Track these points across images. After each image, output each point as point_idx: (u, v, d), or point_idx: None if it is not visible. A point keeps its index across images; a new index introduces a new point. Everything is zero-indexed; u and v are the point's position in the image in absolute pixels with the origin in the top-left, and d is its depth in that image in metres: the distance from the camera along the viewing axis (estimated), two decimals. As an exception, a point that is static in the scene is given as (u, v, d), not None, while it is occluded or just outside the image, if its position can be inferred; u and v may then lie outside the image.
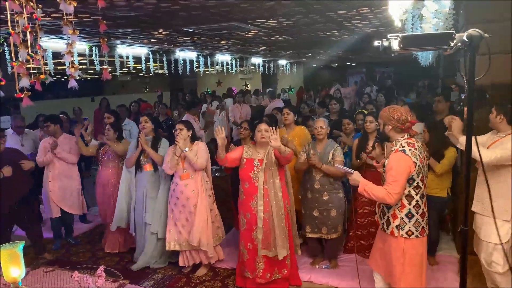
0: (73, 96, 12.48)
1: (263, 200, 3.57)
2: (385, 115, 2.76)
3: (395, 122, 2.69)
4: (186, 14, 4.86)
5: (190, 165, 3.88)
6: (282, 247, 3.53)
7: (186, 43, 8.21)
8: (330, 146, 3.93)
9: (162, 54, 9.18)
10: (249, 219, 3.65)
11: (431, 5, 2.14)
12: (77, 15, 4.53)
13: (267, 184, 3.59)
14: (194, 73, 12.12)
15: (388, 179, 2.65)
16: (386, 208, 2.79)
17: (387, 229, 2.78)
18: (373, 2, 4.10)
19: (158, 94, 14.26)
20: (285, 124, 4.67)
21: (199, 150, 3.94)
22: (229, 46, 9.14)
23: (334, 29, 6.85)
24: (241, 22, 5.76)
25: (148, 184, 4.22)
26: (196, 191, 3.90)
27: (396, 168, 2.62)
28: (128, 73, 16.04)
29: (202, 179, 3.96)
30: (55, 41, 6.19)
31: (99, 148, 4.73)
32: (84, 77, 14.80)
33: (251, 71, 15.61)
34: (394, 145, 2.74)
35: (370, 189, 2.68)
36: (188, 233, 3.91)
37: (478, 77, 1.49)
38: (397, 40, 1.35)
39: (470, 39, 1.35)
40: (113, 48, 7.66)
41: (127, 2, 3.98)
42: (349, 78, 19.51)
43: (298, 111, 6.88)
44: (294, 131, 4.59)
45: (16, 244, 2.11)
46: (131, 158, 4.22)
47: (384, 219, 2.81)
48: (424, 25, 2.26)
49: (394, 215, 2.74)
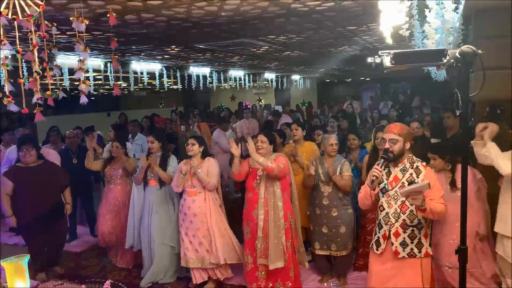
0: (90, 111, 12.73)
1: (263, 209, 3.60)
2: (406, 132, 2.67)
3: (411, 137, 2.69)
4: (198, 31, 4.95)
5: (199, 182, 3.88)
6: (275, 257, 3.52)
7: (199, 59, 8.34)
8: (337, 161, 3.90)
9: (176, 70, 9.33)
10: (252, 228, 3.69)
11: (433, 22, 2.14)
12: (91, 33, 4.66)
13: (267, 193, 3.60)
14: (208, 88, 12.25)
15: (437, 193, 2.56)
16: (417, 230, 2.63)
17: (419, 253, 2.63)
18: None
19: (172, 109, 14.43)
20: (294, 140, 4.67)
21: (210, 168, 3.91)
22: (241, 61, 9.24)
23: (345, 44, 6.87)
24: (252, 39, 5.84)
25: (154, 199, 4.22)
26: (203, 208, 3.89)
27: (438, 182, 2.67)
28: (143, 89, 16.31)
29: (210, 195, 3.94)
30: (71, 58, 6.36)
31: (105, 165, 4.68)
32: (101, 92, 15.13)
33: (265, 86, 15.71)
34: (406, 163, 2.67)
35: (434, 207, 2.50)
36: (196, 250, 3.90)
37: (472, 94, 1.47)
38: (389, 57, 1.35)
39: (462, 55, 1.34)
40: (127, 64, 7.83)
41: (138, 19, 4.09)
42: (363, 93, 19.42)
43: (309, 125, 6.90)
44: (303, 147, 4.61)
45: (21, 257, 2.14)
46: (139, 175, 4.24)
47: (413, 244, 2.63)
48: (427, 41, 2.26)
49: (425, 234, 2.66)
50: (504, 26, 3.43)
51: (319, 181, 3.90)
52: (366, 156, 4.23)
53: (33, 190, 4.08)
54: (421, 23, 2.77)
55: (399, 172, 2.69)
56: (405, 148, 2.66)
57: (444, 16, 2.20)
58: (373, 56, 1.42)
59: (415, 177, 2.63)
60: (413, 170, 2.66)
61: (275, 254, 3.54)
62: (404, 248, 2.64)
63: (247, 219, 3.75)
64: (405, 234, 2.64)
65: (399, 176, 2.68)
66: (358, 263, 4.26)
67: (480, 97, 3.55)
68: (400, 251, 2.64)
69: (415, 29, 2.87)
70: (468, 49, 1.34)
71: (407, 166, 2.67)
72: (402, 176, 2.67)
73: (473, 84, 3.55)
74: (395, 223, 2.66)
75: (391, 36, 1.98)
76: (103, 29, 4.47)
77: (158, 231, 4.19)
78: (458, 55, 1.34)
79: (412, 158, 2.70)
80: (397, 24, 1.73)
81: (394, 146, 2.63)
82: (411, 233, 2.63)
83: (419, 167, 2.66)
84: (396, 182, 2.67)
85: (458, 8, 2.89)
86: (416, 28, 3.09)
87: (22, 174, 4.11)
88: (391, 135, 2.66)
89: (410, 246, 2.63)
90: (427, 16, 2.21)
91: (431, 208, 2.46)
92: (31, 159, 4.13)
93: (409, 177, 2.64)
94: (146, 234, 4.27)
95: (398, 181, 2.66)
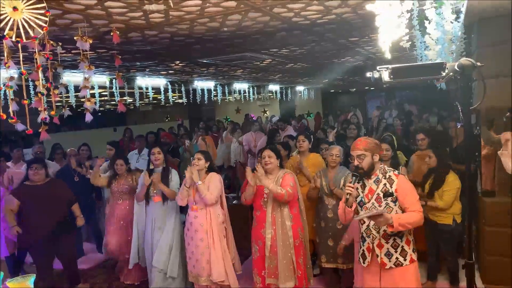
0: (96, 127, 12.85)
1: (271, 228, 3.57)
2: (372, 145, 2.72)
3: (379, 149, 2.74)
4: (201, 47, 5.00)
5: (200, 197, 3.84)
6: (285, 278, 3.48)
7: (203, 73, 8.41)
8: (341, 173, 3.87)
9: (181, 84, 9.41)
10: (261, 247, 3.65)
11: (434, 33, 2.14)
12: (96, 51, 4.73)
13: (275, 212, 3.57)
14: (212, 102, 12.34)
15: (411, 200, 2.64)
16: (398, 239, 2.69)
17: (404, 260, 2.68)
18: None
19: (179, 123, 14.50)
20: (299, 151, 4.65)
21: (212, 182, 3.84)
22: (245, 75, 9.31)
23: (348, 55, 6.90)
24: (255, 52, 5.88)
25: (157, 215, 4.20)
26: (205, 225, 3.82)
27: (412, 189, 2.70)
28: (149, 103, 16.45)
29: (212, 212, 3.84)
30: (77, 75, 6.44)
31: (111, 181, 4.65)
32: (107, 108, 15.28)
33: (269, 97, 15.77)
34: (379, 174, 2.72)
35: (405, 220, 2.56)
36: (193, 266, 3.86)
37: (474, 106, 1.46)
38: (387, 72, 1.35)
39: (461, 68, 1.34)
40: (132, 79, 7.92)
41: (142, 36, 4.14)
42: (368, 103, 19.40)
43: (316, 137, 6.87)
44: (308, 158, 4.56)
45: (27, 277, 2.14)
46: (141, 192, 4.23)
47: (397, 253, 2.69)
48: (428, 52, 2.26)
49: (407, 241, 2.72)
50: (506, 33, 3.42)
51: (323, 194, 3.88)
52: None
53: (40, 208, 4.11)
54: (422, 33, 2.77)
55: (373, 183, 2.74)
56: (374, 160, 2.71)
57: (444, 26, 2.21)
58: (372, 71, 1.43)
59: (389, 187, 2.68)
60: (386, 180, 2.70)
61: (285, 274, 3.49)
62: (390, 259, 2.69)
63: (256, 238, 3.70)
64: (388, 245, 2.70)
65: (374, 188, 2.73)
66: (366, 275, 4.20)
67: (486, 106, 3.54)
68: (386, 262, 2.70)
69: (417, 40, 2.87)
70: (467, 62, 1.34)
71: (380, 177, 2.72)
72: (376, 188, 2.72)
73: (477, 94, 3.55)
74: (377, 235, 2.72)
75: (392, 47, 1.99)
76: (107, 47, 4.53)
77: (159, 249, 4.14)
78: (457, 68, 1.34)
79: (384, 168, 2.76)
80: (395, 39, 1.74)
81: (362, 162, 2.69)
82: (393, 243, 2.70)
83: (391, 176, 2.70)
84: (372, 194, 2.73)
85: (459, 18, 2.90)
86: (418, 38, 3.10)
87: (29, 193, 4.16)
88: (357, 152, 2.71)
89: (395, 256, 2.69)
90: (427, 27, 2.21)
91: (400, 223, 2.53)
92: (40, 178, 4.19)
93: (383, 188, 2.69)
94: (150, 251, 4.24)
95: (373, 193, 2.72)
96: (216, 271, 3.77)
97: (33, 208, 4.12)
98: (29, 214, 4.13)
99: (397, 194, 2.65)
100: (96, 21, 3.35)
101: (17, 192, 4.22)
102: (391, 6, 1.67)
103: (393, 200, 2.66)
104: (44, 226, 4.11)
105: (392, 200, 2.66)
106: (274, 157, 3.65)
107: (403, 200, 2.64)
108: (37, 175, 4.16)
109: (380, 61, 7.67)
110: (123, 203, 4.61)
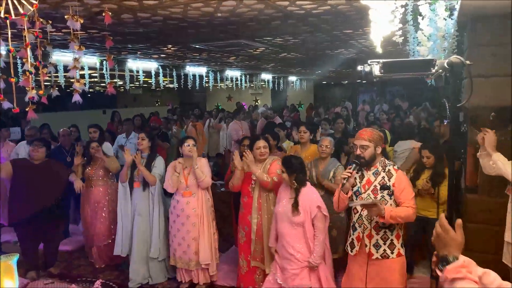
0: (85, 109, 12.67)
1: (257, 213, 3.63)
2: (377, 137, 2.74)
3: (382, 142, 2.77)
4: (194, 31, 4.94)
5: (194, 182, 3.87)
6: (271, 261, 3.52)
7: (196, 59, 8.33)
8: (332, 164, 3.91)
9: (172, 69, 9.31)
10: (247, 232, 3.70)
11: (426, 29, 2.15)
12: (87, 31, 4.64)
13: (261, 199, 3.62)
14: (204, 88, 12.26)
15: (406, 196, 2.69)
16: (389, 232, 2.75)
17: (392, 253, 2.74)
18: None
19: (169, 108, 14.40)
20: (300, 142, 4.66)
21: (203, 167, 3.92)
22: (238, 62, 9.25)
23: (341, 47, 6.89)
24: (249, 40, 5.84)
25: (137, 201, 4.16)
26: (197, 209, 3.89)
27: (409, 185, 2.75)
28: (139, 87, 16.29)
29: (204, 197, 3.94)
30: (67, 55, 6.33)
31: (85, 167, 4.56)
32: (96, 89, 15.07)
33: (261, 86, 15.73)
34: (378, 166, 2.76)
35: (397, 213, 2.60)
36: (184, 252, 3.90)
37: (461, 103, 1.49)
38: (378, 66, 1.37)
39: (451, 65, 1.36)
40: (123, 62, 7.80)
41: (134, 18, 4.07)
42: (360, 96, 19.48)
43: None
44: (308, 150, 4.55)
45: (11, 257, 2.13)
46: (123, 171, 4.17)
47: (385, 245, 2.75)
48: (419, 48, 2.27)
49: (397, 235, 2.78)
50: (499, 33, 3.44)
51: (312, 184, 3.89)
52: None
53: (33, 187, 4.08)
54: (416, 28, 2.79)
55: (371, 175, 2.78)
56: (376, 152, 2.75)
57: (437, 23, 2.22)
58: (363, 65, 1.44)
59: (387, 180, 2.73)
60: (385, 173, 2.75)
61: (270, 257, 3.53)
62: (378, 250, 2.76)
63: (242, 223, 3.76)
64: (378, 236, 2.76)
65: (372, 179, 2.78)
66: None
67: (473, 104, 3.59)
68: (373, 253, 2.76)
69: (410, 35, 2.88)
70: (457, 60, 1.36)
71: (379, 170, 2.77)
72: (374, 179, 2.77)
73: (466, 91, 3.58)
74: (368, 225, 2.77)
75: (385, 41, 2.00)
76: (99, 28, 4.46)
77: (139, 235, 4.14)
78: (447, 66, 1.36)
79: (385, 161, 2.81)
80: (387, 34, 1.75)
81: (365, 152, 2.72)
82: (383, 235, 2.75)
83: (390, 170, 2.75)
84: (369, 185, 2.78)
85: (453, 15, 2.91)
86: (411, 33, 3.11)
87: (26, 168, 4.15)
88: (361, 141, 2.74)
89: (383, 248, 2.75)
90: (420, 23, 2.22)
91: (392, 215, 2.57)
92: (39, 156, 4.17)
93: (381, 180, 2.74)
94: (129, 237, 4.22)
95: (371, 184, 2.77)
96: (204, 255, 3.85)
97: (25, 186, 4.09)
98: (21, 191, 4.10)
99: (394, 188, 2.70)
100: (88, 1, 3.29)
101: (15, 162, 4.22)
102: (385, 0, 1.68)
103: (389, 194, 2.72)
104: (34, 206, 4.07)
105: (388, 193, 2.72)
106: (267, 147, 3.71)
107: (399, 194, 2.69)
108: (37, 153, 4.14)
109: (373, 55, 7.68)
110: (96, 189, 4.55)
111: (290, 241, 3.11)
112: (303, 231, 3.09)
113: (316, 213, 3.08)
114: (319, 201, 3.15)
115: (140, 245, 4.14)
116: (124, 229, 4.25)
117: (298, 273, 3.09)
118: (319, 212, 3.09)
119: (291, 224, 3.12)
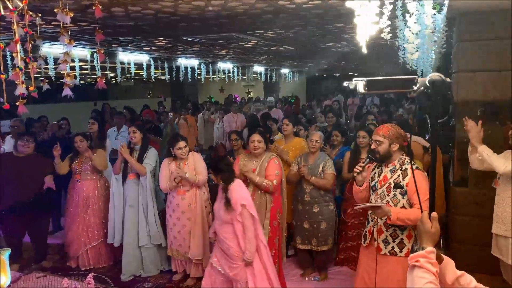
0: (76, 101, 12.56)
1: None
2: (393, 134, 2.68)
3: (402, 140, 2.68)
4: (186, 24, 4.92)
5: (188, 181, 3.90)
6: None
7: (187, 51, 8.29)
8: (321, 158, 3.95)
9: (164, 61, 9.26)
10: None
11: (414, 26, 2.18)
12: (77, 24, 4.61)
13: (255, 195, 3.65)
14: (196, 80, 12.21)
15: (420, 198, 2.56)
16: (399, 230, 2.68)
17: (400, 252, 2.68)
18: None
19: (160, 100, 14.32)
20: (284, 135, 4.69)
21: (198, 162, 3.96)
22: (230, 54, 9.22)
23: (333, 40, 6.91)
24: (241, 33, 5.83)
25: (129, 193, 4.19)
26: (192, 204, 3.94)
27: (425, 186, 2.52)
28: (130, 79, 16.17)
29: (198, 191, 3.98)
30: (57, 47, 6.27)
31: (72, 161, 4.51)
32: (87, 81, 14.93)
33: (254, 79, 15.70)
34: (396, 164, 2.71)
35: (405, 215, 2.55)
36: (180, 245, 3.97)
37: (441, 120, 1.57)
38: (362, 83, 1.46)
39: (432, 83, 1.43)
40: (114, 54, 7.74)
41: (125, 11, 4.05)
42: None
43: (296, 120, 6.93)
44: (292, 143, 4.59)
45: (2, 252, 2.15)
46: (117, 163, 4.20)
47: (394, 242, 2.70)
48: (407, 46, 2.29)
49: (409, 235, 2.68)
50: (487, 28, 3.50)
51: (301, 178, 3.95)
52: (347, 153, 4.29)
53: (18, 179, 4.10)
54: (404, 24, 2.81)
55: (388, 172, 2.75)
56: (392, 149, 2.70)
57: (425, 21, 2.25)
58: (348, 82, 1.55)
59: (401, 179, 2.67)
60: (401, 172, 2.70)
61: None
62: (386, 246, 2.72)
63: None
64: (387, 233, 2.72)
65: (388, 176, 2.74)
66: (339, 257, 4.35)
67: (462, 99, 3.65)
68: (382, 248, 2.73)
69: (399, 30, 2.90)
70: (437, 77, 1.43)
71: (397, 168, 2.72)
72: (390, 177, 2.72)
73: (455, 87, 3.64)
74: (379, 221, 2.74)
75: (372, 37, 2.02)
76: (89, 20, 4.42)
77: (130, 226, 4.17)
78: (428, 83, 1.43)
79: (403, 160, 2.72)
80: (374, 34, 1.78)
81: (379, 147, 2.71)
82: (393, 232, 2.71)
83: (407, 169, 2.67)
84: (385, 181, 2.74)
85: (442, 10, 2.94)
86: (401, 29, 3.13)
87: (12, 162, 4.16)
88: (376, 137, 2.73)
89: (392, 245, 2.70)
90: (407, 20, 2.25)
91: (400, 217, 2.54)
92: (28, 150, 4.19)
93: (396, 179, 2.69)
94: (120, 229, 4.25)
95: (386, 181, 2.73)
96: (194, 250, 3.90)
97: (10, 179, 4.11)
98: (6, 184, 4.12)
99: (407, 188, 2.64)
100: (78, -6, 3.26)
101: (2, 157, 4.24)
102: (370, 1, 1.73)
103: (401, 193, 2.65)
104: (18, 198, 4.08)
105: (401, 193, 2.66)
106: (262, 141, 3.70)
107: (411, 196, 2.62)
108: (27, 148, 4.16)
109: (367, 47, 7.70)
110: (84, 183, 4.47)
111: (222, 238, 3.20)
112: (233, 228, 3.15)
113: (241, 211, 3.10)
114: (245, 199, 3.17)
115: (131, 237, 4.18)
116: (116, 219, 4.27)
117: (234, 267, 3.16)
118: (244, 209, 3.11)
119: (221, 221, 3.21)
